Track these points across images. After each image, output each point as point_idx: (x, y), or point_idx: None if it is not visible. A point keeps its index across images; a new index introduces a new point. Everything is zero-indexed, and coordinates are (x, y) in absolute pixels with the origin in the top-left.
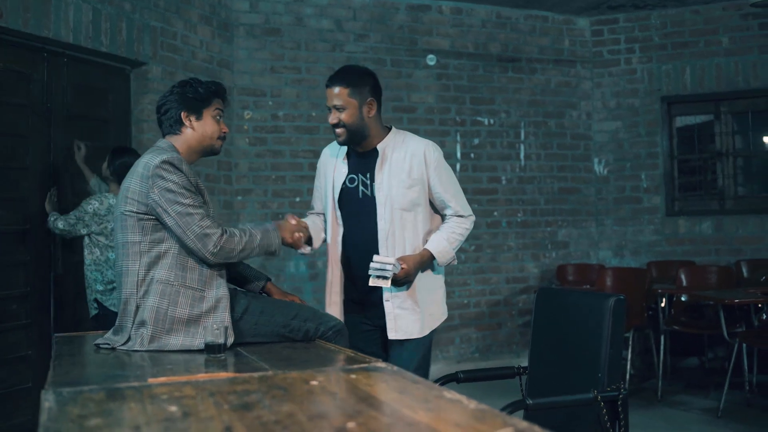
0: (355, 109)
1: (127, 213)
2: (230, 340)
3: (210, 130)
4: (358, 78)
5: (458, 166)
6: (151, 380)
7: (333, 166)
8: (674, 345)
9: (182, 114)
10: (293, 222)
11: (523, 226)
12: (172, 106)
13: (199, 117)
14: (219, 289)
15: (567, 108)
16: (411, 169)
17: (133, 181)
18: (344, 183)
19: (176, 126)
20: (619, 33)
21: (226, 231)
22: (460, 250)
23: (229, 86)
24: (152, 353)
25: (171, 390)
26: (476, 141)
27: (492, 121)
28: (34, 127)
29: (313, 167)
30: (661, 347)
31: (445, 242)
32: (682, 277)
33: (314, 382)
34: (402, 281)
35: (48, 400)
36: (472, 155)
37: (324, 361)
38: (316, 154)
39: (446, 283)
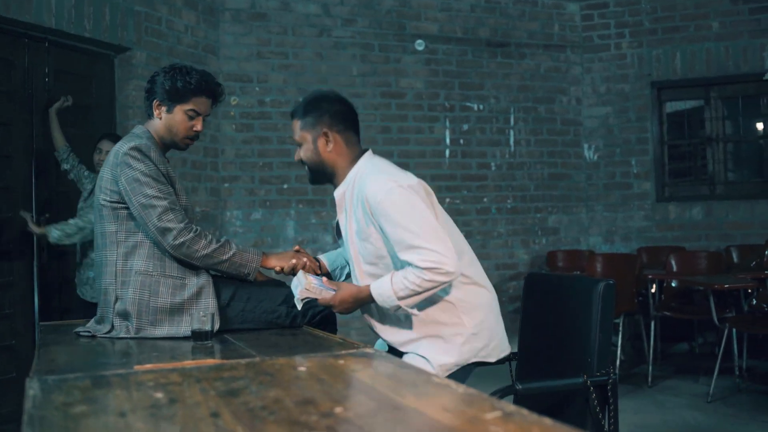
0: (309, 144)
1: (102, 203)
2: (216, 326)
3: (176, 127)
4: (311, 107)
5: (447, 152)
6: (137, 367)
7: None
8: (664, 330)
9: (155, 102)
10: (295, 251)
11: (513, 213)
12: (152, 90)
13: (169, 110)
14: (201, 277)
15: (557, 93)
16: (360, 219)
17: (105, 170)
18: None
19: (150, 110)
20: (609, 18)
21: (195, 230)
22: None
23: (215, 72)
24: (138, 340)
25: (157, 377)
26: (465, 127)
27: (481, 107)
28: (15, 115)
29: None
30: (651, 333)
31: (387, 284)
32: (672, 262)
33: (302, 368)
34: (328, 307)
35: (32, 388)
36: (462, 141)
37: (312, 347)
38: None
39: None
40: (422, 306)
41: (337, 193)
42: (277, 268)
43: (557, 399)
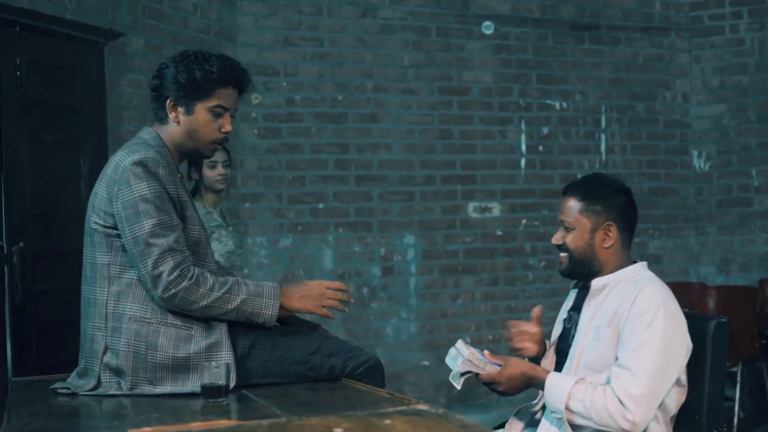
0: (584, 233)
1: (94, 227)
2: (233, 381)
3: (200, 130)
4: (599, 191)
5: (523, 162)
6: (131, 431)
7: (566, 302)
8: None
9: (168, 102)
10: (325, 288)
11: None
12: (162, 87)
13: (188, 111)
14: (213, 327)
15: (659, 88)
16: (608, 317)
17: (100, 185)
18: (564, 321)
19: (161, 113)
20: None
21: (191, 276)
22: (527, 266)
23: None
24: (134, 398)
25: None
26: (545, 130)
27: (565, 105)
28: None
29: (340, 164)
30: None
31: (567, 386)
32: None
33: (338, 430)
34: (489, 385)
35: None
36: (541, 148)
37: (352, 404)
38: (343, 148)
39: (509, 308)
40: None
41: (599, 283)
42: (315, 310)
43: None
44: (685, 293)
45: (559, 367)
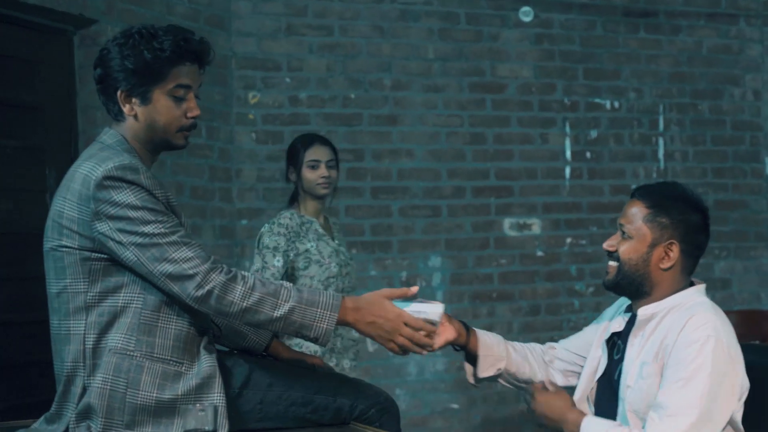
0: (642, 245)
1: (63, 249)
2: (224, 427)
3: (162, 120)
4: (671, 202)
5: (568, 171)
6: None
7: (610, 316)
8: None
9: (119, 94)
10: (403, 325)
11: None
12: (108, 77)
13: (145, 100)
14: (204, 362)
15: (726, 84)
16: (654, 352)
17: (66, 203)
18: (611, 349)
19: (114, 108)
20: None
21: (227, 270)
22: (572, 292)
23: (225, 55)
24: None
25: None
26: (594, 133)
27: (617, 104)
28: None
29: (354, 174)
30: None
31: (601, 429)
32: None
33: None
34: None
35: None
36: (588, 154)
37: None
38: (357, 155)
39: (552, 340)
40: None
41: (646, 312)
42: (388, 343)
43: None
44: (756, 323)
45: (609, 404)
